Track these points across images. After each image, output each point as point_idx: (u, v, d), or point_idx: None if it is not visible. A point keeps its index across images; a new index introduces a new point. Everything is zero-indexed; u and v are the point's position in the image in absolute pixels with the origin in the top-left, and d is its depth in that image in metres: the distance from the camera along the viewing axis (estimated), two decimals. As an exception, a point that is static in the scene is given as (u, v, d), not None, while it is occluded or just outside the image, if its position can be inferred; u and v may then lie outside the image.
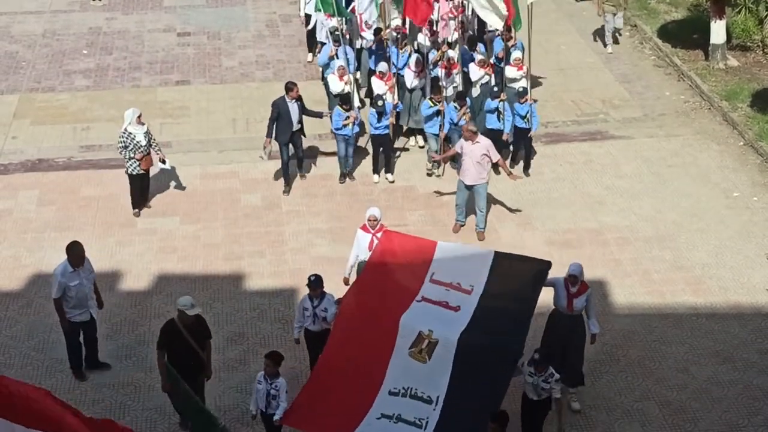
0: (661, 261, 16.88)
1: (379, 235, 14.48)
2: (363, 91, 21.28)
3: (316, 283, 13.34)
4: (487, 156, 16.82)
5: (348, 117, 18.34)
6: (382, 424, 11.72)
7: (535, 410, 12.44)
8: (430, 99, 18.76)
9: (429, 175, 19.19)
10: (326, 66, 20.49)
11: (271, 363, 12.26)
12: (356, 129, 18.69)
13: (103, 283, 16.09)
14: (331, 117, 18.82)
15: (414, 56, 19.96)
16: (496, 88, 18.84)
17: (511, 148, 19.30)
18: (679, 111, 21.71)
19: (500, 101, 18.47)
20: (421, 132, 19.68)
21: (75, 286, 13.68)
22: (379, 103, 18.49)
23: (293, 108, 18.06)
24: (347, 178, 19.01)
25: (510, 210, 17.98)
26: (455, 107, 18.46)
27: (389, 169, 19.19)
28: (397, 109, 19.35)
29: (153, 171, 17.91)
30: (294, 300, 15.75)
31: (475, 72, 19.62)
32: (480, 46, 20.50)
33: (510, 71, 19.45)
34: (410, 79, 19.75)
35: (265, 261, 16.77)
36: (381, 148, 18.96)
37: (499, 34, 20.39)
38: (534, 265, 12.93)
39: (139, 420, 13.31)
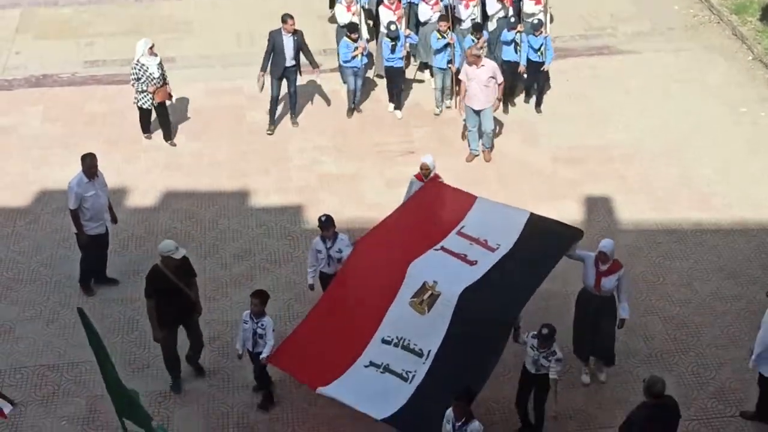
0: (666, 177, 16.87)
1: None
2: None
3: (327, 223, 12.86)
4: (493, 78, 16.46)
5: (356, 48, 17.65)
6: (368, 373, 11.26)
7: (531, 383, 11.80)
8: (438, 30, 17.82)
9: (437, 115, 18.51)
10: None
11: (258, 302, 11.93)
12: (365, 60, 18.02)
13: (110, 200, 16.20)
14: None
15: None
16: (513, 20, 18.20)
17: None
18: (688, 25, 21.48)
19: (516, 32, 17.78)
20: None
21: (91, 197, 13.70)
22: (392, 27, 17.61)
23: (288, 42, 17.11)
24: (355, 112, 18.47)
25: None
26: (473, 40, 17.39)
27: (398, 105, 18.53)
28: (410, 41, 18.47)
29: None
30: (300, 217, 15.84)
31: (492, 5, 18.80)
32: None
33: (528, 6, 18.76)
34: (424, 11, 18.72)
35: (270, 178, 16.78)
36: (394, 82, 18.30)
37: None
38: (566, 231, 12.44)
39: (148, 335, 13.39)
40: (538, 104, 18.61)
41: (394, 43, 17.67)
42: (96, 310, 13.85)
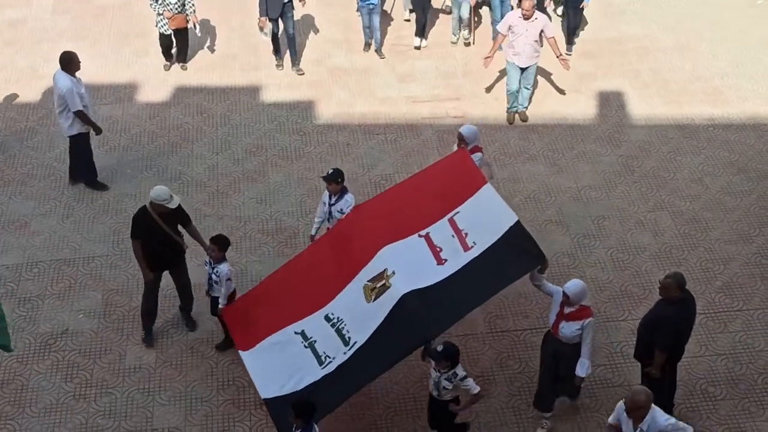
0: (680, 71, 16.76)
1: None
2: None
3: (330, 177, 11.87)
4: (543, 33, 14.95)
5: None
6: (292, 341, 10.61)
7: (435, 407, 10.45)
8: None
9: (453, 44, 17.47)
10: None
11: (215, 248, 11.26)
12: None
13: (121, 94, 16.26)
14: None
15: None
16: None
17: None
18: None
19: None
20: None
21: (84, 93, 13.68)
22: None
23: None
24: (371, 48, 17.28)
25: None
26: None
27: (423, 34, 17.35)
28: None
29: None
30: (311, 112, 15.84)
31: None
32: None
33: None
34: None
35: (281, 72, 16.72)
36: (422, 10, 17.05)
37: None
38: (535, 254, 10.84)
39: (162, 229, 13.60)
40: (569, 41, 17.19)
41: None
42: (110, 206, 13.98)
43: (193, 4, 16.17)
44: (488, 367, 11.67)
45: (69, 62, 13.54)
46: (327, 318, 10.59)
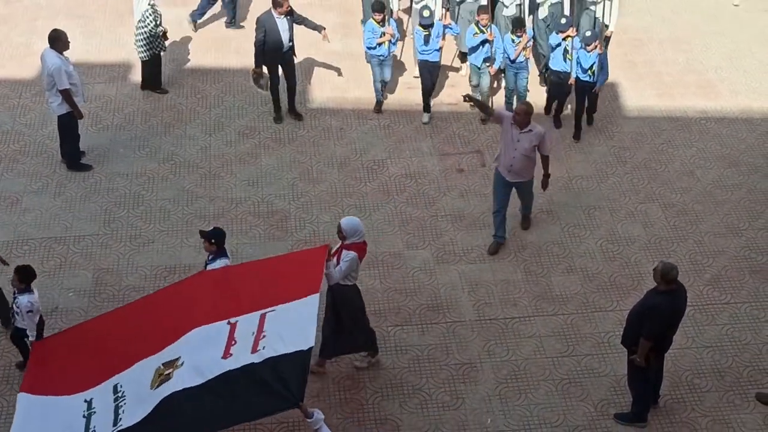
0: (674, 63, 16.81)
1: None
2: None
3: (204, 235, 11.01)
4: (537, 149, 12.59)
5: (383, 33, 14.93)
6: (74, 407, 9.68)
7: None
8: (476, 23, 14.80)
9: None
10: None
11: (15, 278, 10.71)
12: (393, 48, 15.25)
13: (115, 73, 16.25)
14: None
15: None
16: (564, 20, 14.71)
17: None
18: None
19: (565, 38, 14.55)
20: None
21: (73, 71, 13.64)
22: (425, 13, 14.61)
23: (282, 25, 14.63)
24: (382, 107, 15.68)
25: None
26: (512, 39, 14.69)
27: (429, 108, 15.48)
28: (450, 31, 15.06)
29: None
30: (305, 96, 15.85)
31: None
32: None
33: None
34: None
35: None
36: (431, 79, 15.24)
37: None
38: (285, 395, 9.52)
39: (153, 209, 13.61)
40: (590, 121, 15.35)
41: (427, 32, 14.77)
42: (102, 185, 13.98)
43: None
44: (476, 355, 11.72)
45: (57, 40, 13.52)
46: (115, 389, 9.73)
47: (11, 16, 17.52)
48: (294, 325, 9.83)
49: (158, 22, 15.14)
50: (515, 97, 15.13)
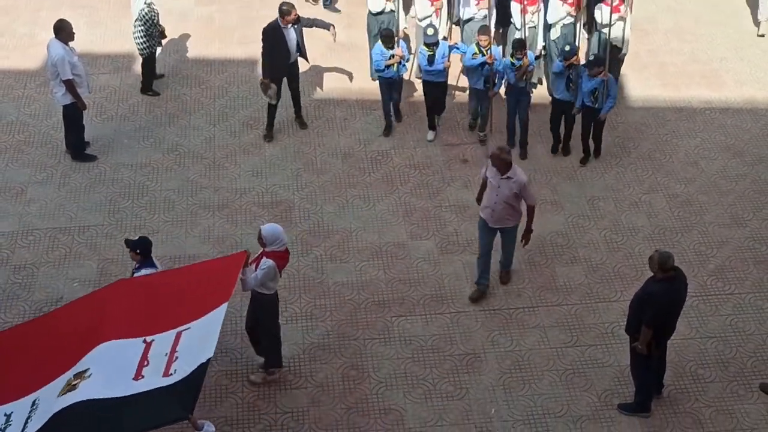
0: (678, 53, 16.78)
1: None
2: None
3: (128, 244, 10.91)
4: (519, 197, 11.80)
5: (392, 55, 14.24)
6: None
7: None
8: (476, 43, 14.03)
9: (482, 141, 14.71)
10: None
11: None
12: (403, 69, 14.61)
13: (119, 64, 16.26)
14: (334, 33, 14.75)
15: None
16: (568, 48, 13.80)
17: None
18: None
19: (567, 65, 13.70)
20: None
21: (77, 62, 13.65)
22: (429, 31, 13.99)
23: (289, 35, 14.16)
24: (392, 130, 15.06)
25: None
26: (512, 63, 13.94)
27: (439, 111, 14.99)
28: (458, 51, 14.42)
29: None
30: (309, 87, 15.82)
31: (556, 7, 14.87)
32: None
33: (604, 13, 14.48)
34: (465, 6, 15.10)
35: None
36: (435, 99, 14.69)
37: None
38: (181, 406, 9.31)
39: (158, 200, 13.63)
40: (585, 158, 14.50)
41: (432, 52, 14.13)
42: (107, 175, 14.00)
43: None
44: (479, 345, 11.73)
45: (62, 30, 13.54)
46: (33, 403, 9.46)
47: (15, 6, 17.53)
48: (203, 339, 9.61)
49: (155, 21, 14.96)
50: (517, 125, 14.44)
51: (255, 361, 11.40)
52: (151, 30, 14.94)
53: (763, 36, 17.17)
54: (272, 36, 14.06)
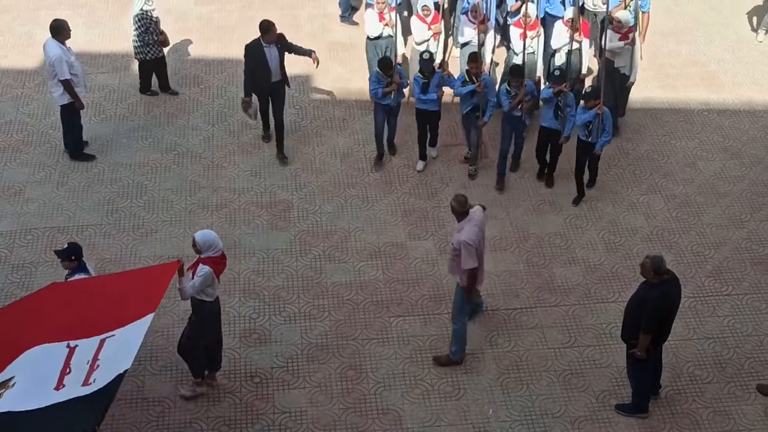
0: (676, 55, 16.81)
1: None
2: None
3: (58, 253, 10.70)
4: (457, 255, 10.82)
5: (389, 83, 13.64)
6: None
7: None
8: (466, 71, 13.63)
9: (471, 176, 14.27)
10: None
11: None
12: (401, 97, 14.07)
13: (118, 63, 16.26)
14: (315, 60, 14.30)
15: None
16: (557, 72, 13.29)
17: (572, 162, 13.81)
18: None
19: (557, 93, 13.22)
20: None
21: (74, 61, 13.64)
22: (425, 56, 13.54)
23: (271, 54, 13.74)
24: (383, 159, 14.43)
25: None
26: (507, 89, 13.34)
27: (433, 142, 14.47)
28: (451, 83, 13.84)
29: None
30: (308, 86, 15.86)
31: (560, 33, 14.25)
32: None
33: (612, 40, 13.93)
34: (464, 31, 14.58)
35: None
36: (428, 126, 14.19)
37: None
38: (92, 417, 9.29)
39: (156, 200, 13.63)
40: (591, 182, 14.03)
41: (427, 80, 13.60)
42: (105, 175, 14.00)
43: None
44: (478, 345, 11.75)
45: (59, 30, 13.53)
46: None
47: (14, 5, 17.54)
48: (124, 350, 9.45)
49: (149, 29, 14.78)
50: (511, 157, 14.07)
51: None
52: (146, 36, 14.81)
53: (761, 42, 17.19)
54: (253, 54, 13.73)
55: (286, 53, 14.00)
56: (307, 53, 14.20)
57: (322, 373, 11.36)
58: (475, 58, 13.41)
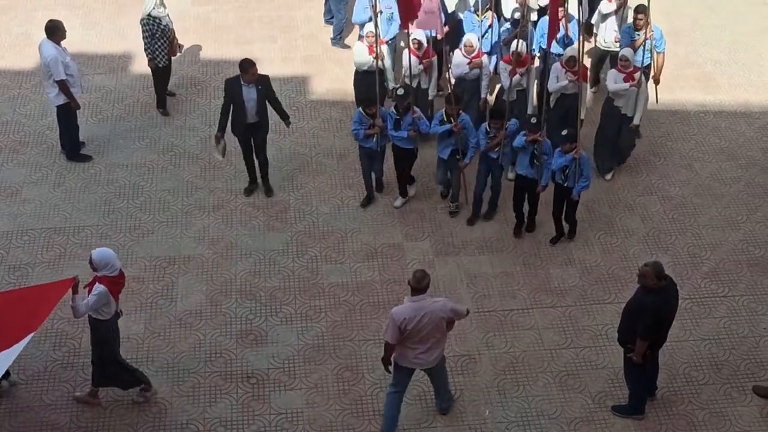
0: (673, 56, 16.78)
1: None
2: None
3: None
4: (446, 321, 10.19)
5: (372, 125, 13.00)
6: None
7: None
8: (444, 112, 13.00)
9: (452, 213, 13.65)
10: (364, 26, 14.61)
11: None
12: (385, 140, 13.25)
13: (115, 64, 16.26)
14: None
15: (494, 28, 14.37)
16: (534, 119, 12.58)
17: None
18: None
19: (532, 141, 12.44)
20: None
21: (70, 62, 13.64)
22: (399, 92, 12.92)
23: (248, 94, 12.97)
24: (372, 201, 13.82)
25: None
26: (487, 130, 12.87)
27: (409, 181, 13.88)
28: (420, 126, 13.05)
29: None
30: (305, 87, 15.86)
31: (558, 75, 13.49)
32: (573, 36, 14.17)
33: (617, 81, 13.51)
34: (457, 64, 13.89)
35: (276, 46, 16.73)
36: (403, 165, 13.53)
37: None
38: None
39: (153, 200, 13.63)
40: (571, 234, 13.31)
41: (399, 116, 12.96)
42: (102, 175, 14.00)
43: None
44: (474, 347, 11.76)
45: (55, 30, 13.52)
46: None
47: (11, 6, 17.54)
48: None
49: (157, 34, 14.49)
50: (487, 200, 13.48)
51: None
52: (153, 43, 14.52)
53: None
54: (230, 90, 13.08)
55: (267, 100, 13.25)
56: (284, 116, 13.57)
57: (318, 374, 11.36)
58: (448, 100, 12.83)
